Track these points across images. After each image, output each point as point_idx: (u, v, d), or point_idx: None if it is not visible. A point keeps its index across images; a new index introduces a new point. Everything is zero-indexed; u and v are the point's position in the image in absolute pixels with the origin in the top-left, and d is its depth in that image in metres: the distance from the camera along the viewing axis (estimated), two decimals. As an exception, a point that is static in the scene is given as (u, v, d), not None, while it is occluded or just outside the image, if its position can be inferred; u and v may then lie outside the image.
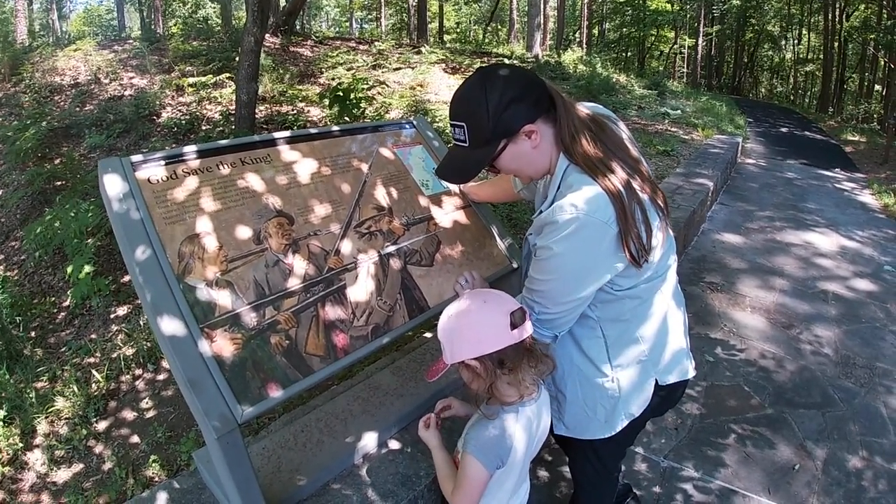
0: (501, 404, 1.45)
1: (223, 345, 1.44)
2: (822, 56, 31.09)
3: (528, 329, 1.40)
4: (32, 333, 4.39)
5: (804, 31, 36.48)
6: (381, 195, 2.00)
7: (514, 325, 1.36)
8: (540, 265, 1.45)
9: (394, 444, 2.03)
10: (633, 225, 1.35)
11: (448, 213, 2.12)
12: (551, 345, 1.60)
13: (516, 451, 1.43)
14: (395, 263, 1.87)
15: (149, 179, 1.61)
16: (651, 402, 1.70)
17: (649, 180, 1.47)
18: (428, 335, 2.70)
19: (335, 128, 2.09)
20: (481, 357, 1.37)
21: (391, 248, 1.89)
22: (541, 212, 1.51)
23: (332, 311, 1.65)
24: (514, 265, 2.15)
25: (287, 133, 1.94)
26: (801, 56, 37.52)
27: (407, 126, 2.32)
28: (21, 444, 3.20)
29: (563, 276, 1.40)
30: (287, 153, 1.89)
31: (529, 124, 1.41)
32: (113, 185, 1.54)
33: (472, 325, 1.39)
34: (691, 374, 1.77)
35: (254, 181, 1.75)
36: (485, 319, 1.38)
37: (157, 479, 2.86)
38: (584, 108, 1.53)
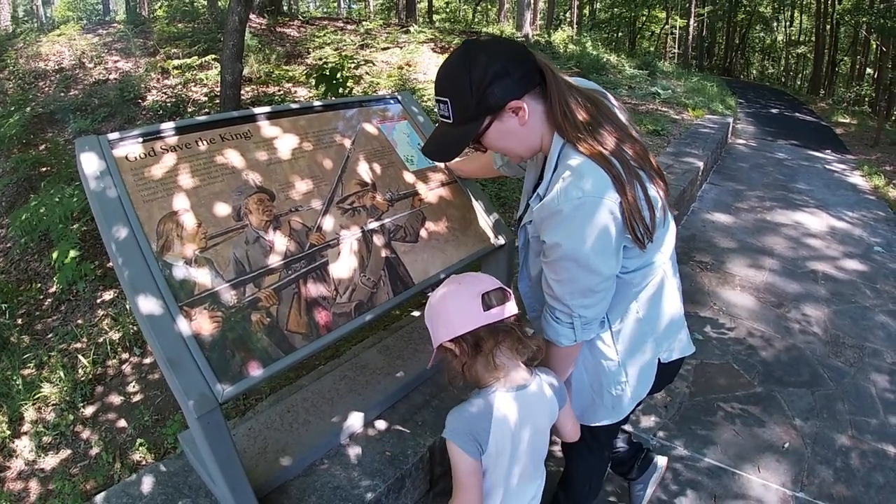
0: (477, 387, 1.43)
1: (203, 323, 1.41)
2: (814, 38, 31.15)
3: (506, 310, 1.36)
4: (19, 320, 4.35)
5: (796, 13, 36.56)
6: (364, 171, 1.96)
7: (487, 306, 1.33)
8: (556, 266, 1.39)
9: (381, 424, 2.01)
10: (635, 203, 1.31)
11: (433, 189, 2.09)
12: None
13: (497, 436, 1.38)
14: (379, 240, 1.84)
15: (126, 157, 1.57)
16: (654, 381, 1.70)
17: (646, 156, 1.41)
18: (416, 313, 2.68)
19: (318, 103, 2.05)
20: (456, 339, 1.35)
21: (375, 224, 1.86)
22: (539, 196, 1.43)
23: (314, 288, 1.62)
24: (501, 241, 2.13)
25: (268, 108, 1.90)
26: (793, 38, 37.62)
27: (392, 101, 2.28)
28: (8, 432, 3.19)
29: (584, 263, 1.33)
30: (268, 129, 1.85)
31: (516, 100, 1.34)
32: (90, 163, 1.50)
33: (444, 308, 1.38)
34: (691, 349, 1.76)
35: (234, 157, 1.72)
36: (455, 301, 1.36)
37: (144, 462, 2.85)
38: (574, 82, 1.46)
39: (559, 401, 1.53)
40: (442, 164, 2.20)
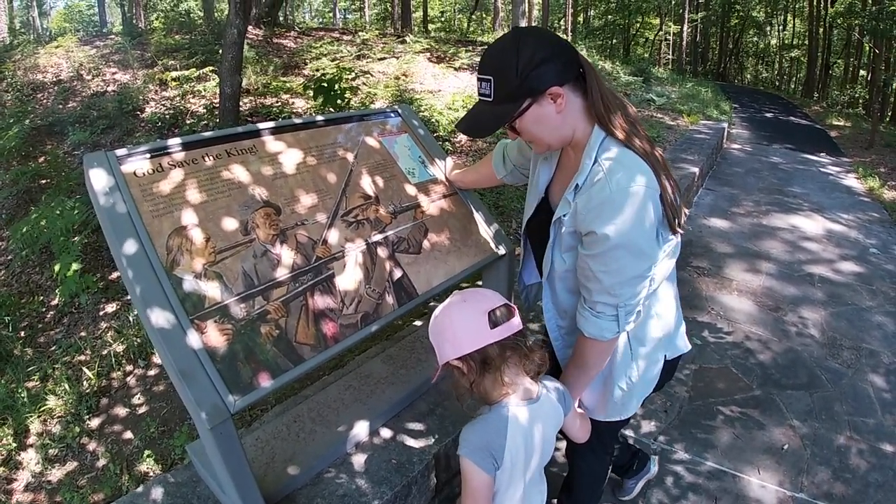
0: (487, 403, 1.44)
1: (213, 336, 1.45)
2: (807, 41, 31.24)
3: (512, 326, 1.38)
4: (22, 333, 4.37)
5: (789, 17, 36.68)
6: (367, 184, 2.00)
7: (494, 324, 1.35)
8: (605, 257, 1.39)
9: (386, 432, 2.04)
10: (667, 193, 1.37)
11: (435, 201, 2.13)
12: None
13: (512, 451, 1.39)
14: (383, 251, 1.87)
15: (135, 173, 1.60)
16: (658, 379, 1.73)
17: (663, 158, 1.46)
18: (418, 323, 2.71)
19: (320, 118, 2.09)
20: (463, 357, 1.36)
21: (378, 237, 1.89)
22: (577, 186, 1.44)
23: (321, 300, 1.66)
24: (502, 251, 2.16)
25: (272, 123, 1.94)
26: (786, 42, 37.71)
27: (392, 115, 2.32)
28: (14, 445, 3.20)
29: (637, 249, 1.37)
30: (272, 144, 1.89)
31: (557, 87, 1.37)
32: (99, 179, 1.54)
33: (450, 326, 1.39)
34: (688, 347, 1.79)
35: (239, 172, 1.75)
36: (462, 319, 1.38)
37: (151, 473, 2.86)
38: None
39: (564, 408, 1.55)
40: (443, 176, 2.24)
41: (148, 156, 1.65)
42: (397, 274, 1.86)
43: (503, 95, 1.41)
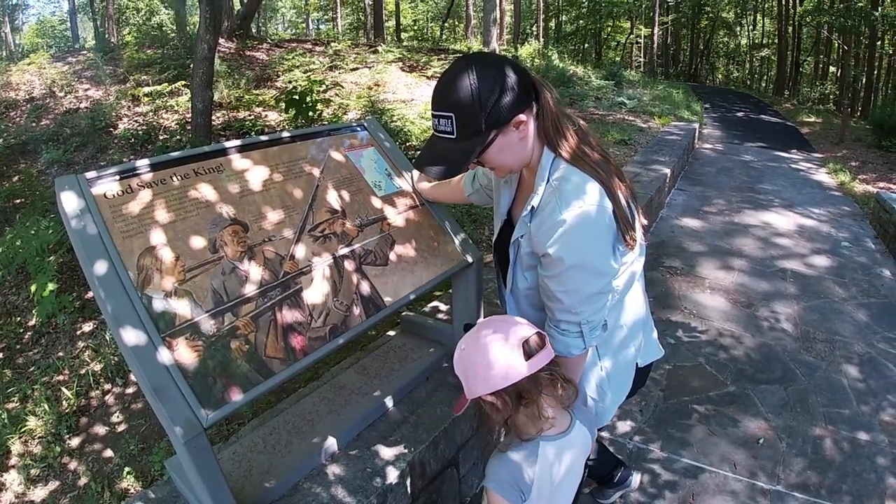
0: (521, 438, 1.38)
1: (185, 352, 1.47)
2: (776, 40, 31.68)
3: (545, 356, 1.34)
4: (0, 355, 4.34)
5: (759, 17, 37.16)
6: (333, 198, 2.02)
7: (528, 355, 1.30)
8: (562, 278, 1.40)
9: (361, 442, 2.05)
10: (620, 207, 1.38)
11: (401, 213, 2.16)
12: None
13: (541, 485, 1.35)
14: (350, 264, 1.90)
15: (105, 195, 1.62)
16: (632, 386, 1.76)
17: (616, 167, 1.48)
18: (391, 333, 2.74)
19: (286, 134, 2.11)
20: (497, 392, 1.31)
21: (345, 250, 1.92)
22: (532, 209, 1.45)
23: (289, 315, 1.68)
24: (470, 259, 2.19)
25: (238, 142, 1.96)
26: (756, 41, 38.25)
27: (358, 129, 2.35)
28: (-4, 466, 3.19)
29: (592, 268, 1.37)
30: (239, 162, 1.91)
31: (520, 115, 1.37)
32: (70, 202, 1.55)
33: (483, 360, 1.32)
34: (661, 352, 1.83)
35: (207, 191, 1.77)
36: (495, 353, 1.31)
37: (132, 490, 2.87)
38: None
39: (591, 432, 1.53)
40: (409, 188, 2.26)
41: (117, 177, 1.67)
42: (365, 286, 1.89)
43: (467, 131, 1.37)
